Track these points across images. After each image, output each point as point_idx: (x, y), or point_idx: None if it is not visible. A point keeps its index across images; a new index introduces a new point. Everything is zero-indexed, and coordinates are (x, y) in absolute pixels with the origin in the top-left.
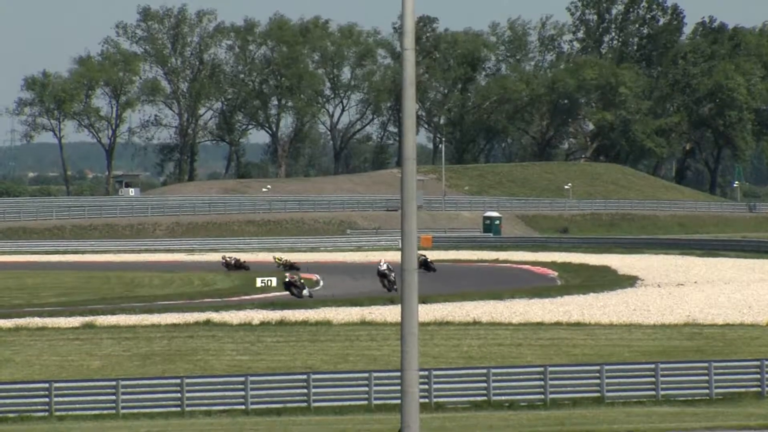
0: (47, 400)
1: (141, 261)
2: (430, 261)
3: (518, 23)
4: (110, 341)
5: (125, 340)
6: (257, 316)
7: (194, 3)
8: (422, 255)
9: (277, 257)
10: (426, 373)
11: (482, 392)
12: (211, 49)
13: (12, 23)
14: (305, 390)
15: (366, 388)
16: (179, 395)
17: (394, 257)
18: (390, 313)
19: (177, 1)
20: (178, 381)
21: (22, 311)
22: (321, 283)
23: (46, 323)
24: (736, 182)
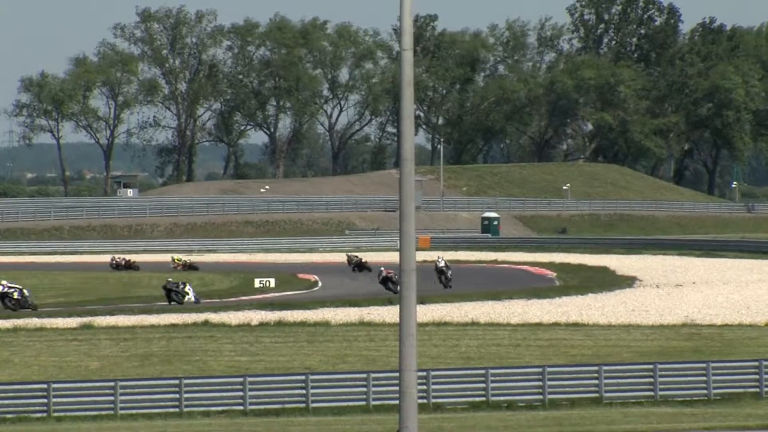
0: (45, 401)
1: (140, 261)
2: (365, 261)
3: (517, 24)
4: (108, 342)
5: (123, 341)
6: (256, 317)
7: (194, 3)
8: (356, 256)
9: (177, 257)
10: (424, 374)
11: (480, 393)
12: (210, 50)
13: (9, 24)
14: (303, 391)
15: (364, 389)
16: (177, 396)
17: (393, 258)
18: (388, 314)
19: (176, 2)
20: (177, 382)
21: (21, 312)
22: (319, 284)
23: (45, 324)
24: (735, 183)
